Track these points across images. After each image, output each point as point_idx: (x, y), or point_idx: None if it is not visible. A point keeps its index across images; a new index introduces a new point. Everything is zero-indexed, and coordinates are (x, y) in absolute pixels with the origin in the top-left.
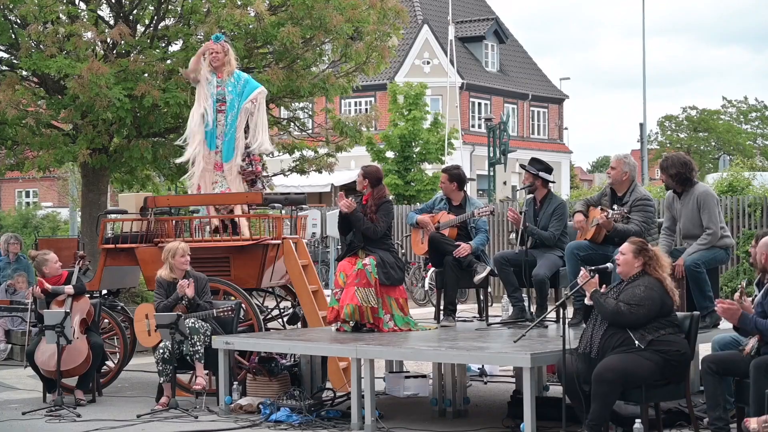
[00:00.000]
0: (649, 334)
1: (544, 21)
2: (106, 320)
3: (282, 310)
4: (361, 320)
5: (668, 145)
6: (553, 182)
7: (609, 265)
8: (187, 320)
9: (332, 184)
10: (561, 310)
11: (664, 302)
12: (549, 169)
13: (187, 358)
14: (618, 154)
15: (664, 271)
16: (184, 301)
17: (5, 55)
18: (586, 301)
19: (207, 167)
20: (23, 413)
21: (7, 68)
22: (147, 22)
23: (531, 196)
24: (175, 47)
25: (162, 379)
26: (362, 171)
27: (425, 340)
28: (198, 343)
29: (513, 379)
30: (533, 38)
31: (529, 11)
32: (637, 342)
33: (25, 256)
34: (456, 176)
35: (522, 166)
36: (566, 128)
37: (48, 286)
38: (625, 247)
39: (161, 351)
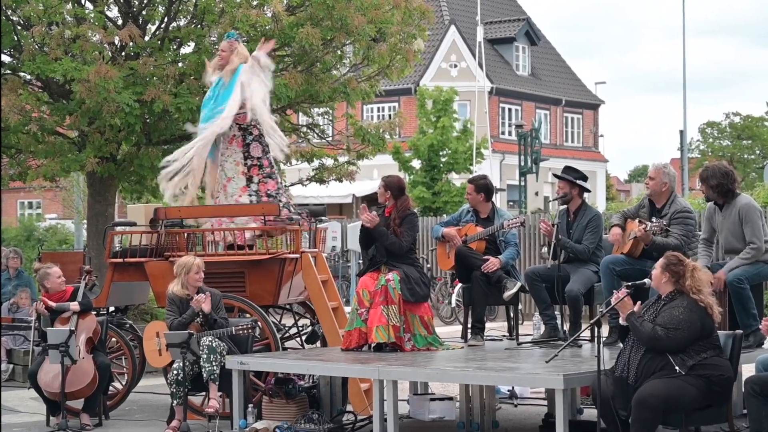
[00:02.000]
0: (690, 359)
1: (578, 22)
2: (113, 339)
3: (300, 329)
4: (389, 339)
5: (710, 153)
6: (589, 191)
7: (647, 280)
8: (204, 338)
9: (353, 195)
10: (596, 329)
11: (704, 324)
12: (584, 178)
13: (204, 374)
14: (657, 163)
15: (701, 289)
16: (199, 319)
17: (8, 59)
18: (621, 321)
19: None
20: None
21: (9, 72)
22: (157, 22)
23: (564, 207)
24: (187, 49)
25: (175, 402)
26: (383, 182)
27: (452, 360)
28: (214, 363)
29: (545, 402)
30: (567, 40)
31: (563, 11)
32: (677, 368)
33: (24, 270)
34: (483, 186)
35: (556, 176)
36: (602, 135)
37: (51, 303)
38: (658, 261)
39: (175, 372)
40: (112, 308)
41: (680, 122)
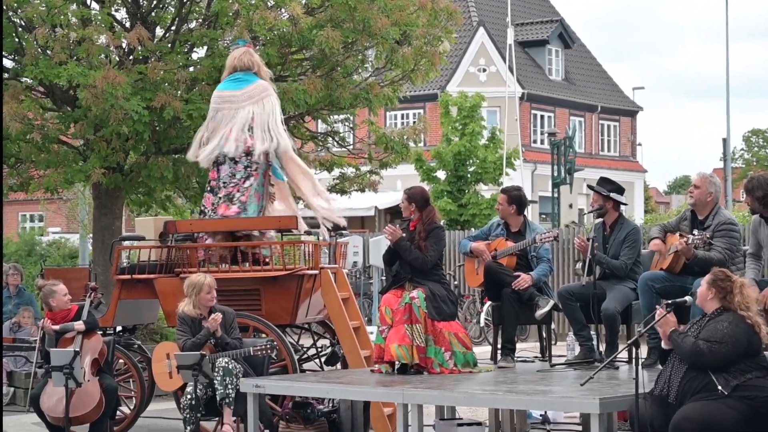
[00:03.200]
0: (734, 379)
1: (615, 23)
2: (120, 360)
3: (319, 349)
4: (411, 361)
5: (755, 162)
6: (626, 204)
7: (688, 298)
8: (220, 360)
9: (376, 207)
10: (633, 350)
11: (750, 341)
12: (621, 190)
13: (218, 397)
14: (701, 172)
15: (749, 306)
16: (212, 339)
17: (9, 63)
18: (664, 345)
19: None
20: None
21: (11, 77)
22: (168, 24)
23: (600, 220)
24: (200, 53)
25: (188, 428)
26: (406, 194)
27: (480, 383)
28: (229, 386)
29: (579, 427)
30: (603, 43)
31: (598, 13)
32: (720, 387)
33: (25, 288)
34: (516, 198)
35: (590, 187)
36: (640, 144)
37: (54, 327)
38: (704, 278)
39: (188, 397)
40: (119, 328)
41: (723, 130)
